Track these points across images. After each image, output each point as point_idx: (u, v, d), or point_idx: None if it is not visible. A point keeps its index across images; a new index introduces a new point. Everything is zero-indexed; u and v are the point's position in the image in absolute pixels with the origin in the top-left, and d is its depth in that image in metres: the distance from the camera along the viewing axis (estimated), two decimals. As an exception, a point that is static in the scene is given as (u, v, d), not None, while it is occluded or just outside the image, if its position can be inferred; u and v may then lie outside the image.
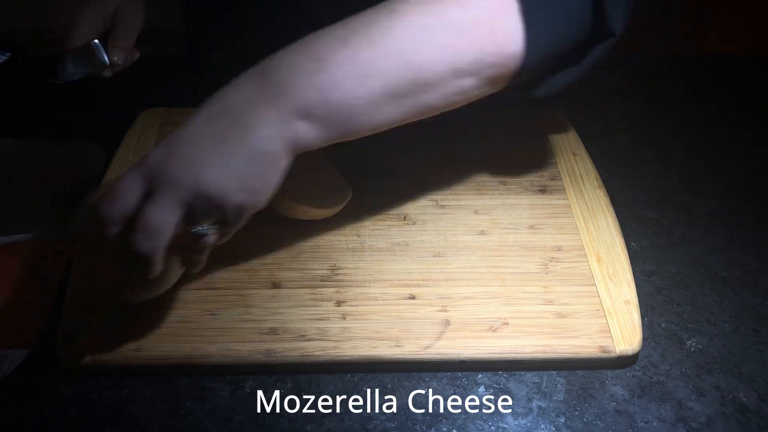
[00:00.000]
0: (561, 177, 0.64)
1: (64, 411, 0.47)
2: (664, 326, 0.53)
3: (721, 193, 0.66)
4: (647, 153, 0.70)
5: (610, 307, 0.52)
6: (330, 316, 0.51)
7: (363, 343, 0.49)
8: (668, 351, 0.52)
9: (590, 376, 0.50)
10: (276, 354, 0.49)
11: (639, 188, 0.66)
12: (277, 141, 0.40)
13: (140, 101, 0.71)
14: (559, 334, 0.50)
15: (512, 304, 0.52)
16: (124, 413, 0.46)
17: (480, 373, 0.49)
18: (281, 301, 0.52)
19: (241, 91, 0.41)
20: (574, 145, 0.68)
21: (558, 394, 0.48)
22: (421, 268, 0.55)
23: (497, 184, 0.63)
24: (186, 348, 0.49)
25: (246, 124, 0.40)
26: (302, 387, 0.48)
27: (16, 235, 0.77)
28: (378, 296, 0.53)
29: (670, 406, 0.48)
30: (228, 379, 0.48)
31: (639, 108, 0.77)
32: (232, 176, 0.39)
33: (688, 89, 0.80)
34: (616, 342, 0.50)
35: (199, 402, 0.47)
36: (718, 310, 0.55)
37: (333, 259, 0.56)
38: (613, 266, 0.55)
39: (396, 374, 0.49)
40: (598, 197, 0.62)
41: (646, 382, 0.49)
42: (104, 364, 0.48)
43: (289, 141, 0.40)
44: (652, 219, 0.63)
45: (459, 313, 0.52)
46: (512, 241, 0.58)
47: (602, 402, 0.48)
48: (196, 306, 0.52)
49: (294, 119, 0.40)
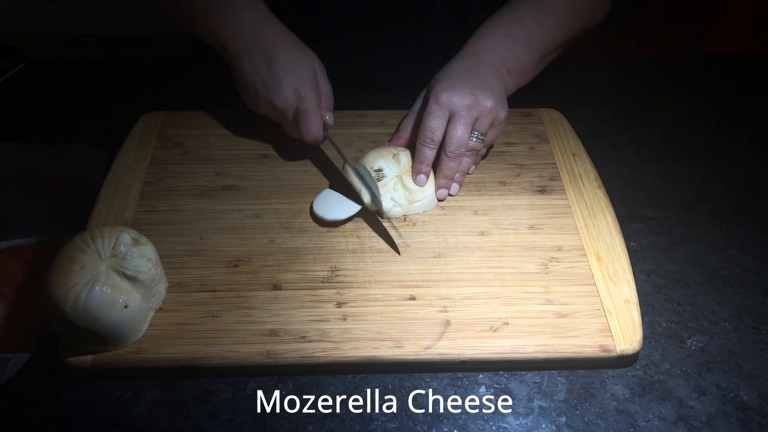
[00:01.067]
0: (560, 177, 0.64)
1: (66, 414, 0.47)
2: (664, 325, 0.53)
3: (720, 192, 0.66)
4: (647, 153, 0.70)
5: (610, 307, 0.52)
6: (331, 318, 0.51)
7: (364, 344, 0.49)
8: (669, 350, 0.52)
9: (591, 375, 0.50)
10: (277, 355, 0.49)
11: (639, 188, 0.66)
12: (502, 84, 0.64)
13: (140, 104, 0.71)
14: (560, 333, 0.50)
15: (512, 304, 0.53)
16: (125, 416, 0.46)
17: (481, 373, 0.50)
18: (282, 302, 0.52)
19: (468, 60, 0.64)
20: (573, 145, 0.68)
21: (559, 394, 0.49)
22: (421, 269, 0.55)
23: (497, 185, 0.64)
24: (187, 350, 0.49)
25: (484, 75, 0.63)
26: (303, 388, 0.48)
27: (17, 240, 0.77)
28: (378, 297, 0.53)
29: (671, 405, 0.48)
30: (229, 381, 0.49)
31: (638, 108, 0.77)
32: (498, 101, 0.61)
33: (687, 89, 0.80)
34: (617, 341, 0.50)
35: (201, 404, 0.47)
36: (718, 309, 0.55)
37: (333, 260, 0.56)
38: (613, 266, 0.55)
39: (397, 375, 0.49)
40: (598, 197, 0.62)
41: (646, 381, 0.49)
42: (106, 368, 0.48)
43: (506, 85, 0.64)
44: (652, 218, 0.63)
45: (459, 313, 0.52)
46: (512, 241, 0.58)
47: (603, 401, 0.48)
48: (196, 308, 0.52)
49: (505, 74, 0.65)
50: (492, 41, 0.65)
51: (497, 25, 0.66)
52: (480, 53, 0.64)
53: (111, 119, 0.73)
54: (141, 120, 0.70)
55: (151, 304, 0.51)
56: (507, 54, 0.65)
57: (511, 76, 0.65)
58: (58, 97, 0.77)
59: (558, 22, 0.67)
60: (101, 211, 0.60)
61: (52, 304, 0.46)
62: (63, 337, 0.49)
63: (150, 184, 0.63)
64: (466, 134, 0.60)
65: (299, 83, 0.61)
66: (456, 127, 0.59)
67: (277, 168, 0.65)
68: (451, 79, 0.61)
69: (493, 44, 0.65)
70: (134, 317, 0.48)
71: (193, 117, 0.71)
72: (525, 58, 0.66)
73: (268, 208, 0.61)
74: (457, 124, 0.59)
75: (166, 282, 0.53)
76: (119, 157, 0.65)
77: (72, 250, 0.48)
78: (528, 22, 0.66)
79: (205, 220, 0.59)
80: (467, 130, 0.59)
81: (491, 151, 0.67)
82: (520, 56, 0.65)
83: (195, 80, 0.77)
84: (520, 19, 0.66)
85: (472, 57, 0.64)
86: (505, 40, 0.65)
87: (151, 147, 0.67)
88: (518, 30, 0.65)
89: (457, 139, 0.59)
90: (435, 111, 0.60)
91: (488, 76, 0.62)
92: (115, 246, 0.48)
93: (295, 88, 0.61)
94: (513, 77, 0.65)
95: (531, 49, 0.66)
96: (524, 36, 0.65)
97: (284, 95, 0.61)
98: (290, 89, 0.61)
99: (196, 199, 0.61)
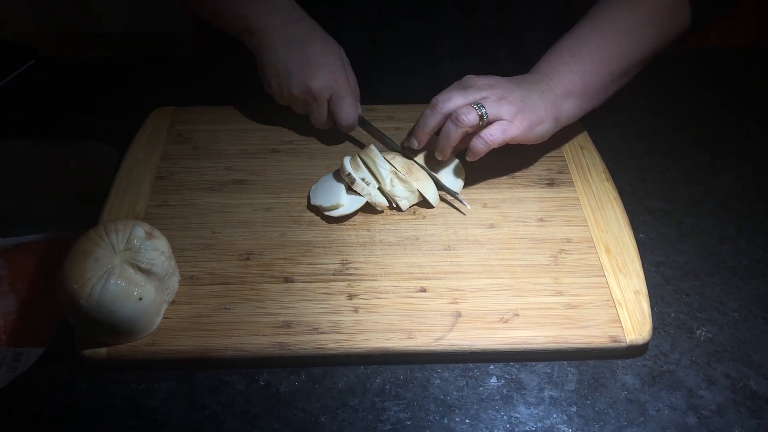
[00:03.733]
0: (569, 170, 0.65)
1: (82, 406, 0.47)
2: (673, 316, 0.54)
3: (729, 183, 0.66)
4: (655, 145, 0.70)
5: (619, 298, 0.52)
6: (342, 310, 0.52)
7: (376, 336, 0.50)
8: (678, 340, 0.52)
9: (601, 365, 0.50)
10: (290, 347, 0.49)
11: (647, 180, 0.66)
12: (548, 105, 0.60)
13: (151, 101, 0.72)
14: (570, 324, 0.51)
15: (522, 295, 0.53)
16: (142, 407, 0.47)
17: (492, 364, 0.50)
18: (294, 295, 0.53)
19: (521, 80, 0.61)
20: (581, 138, 0.68)
21: (569, 384, 0.49)
22: (431, 261, 0.56)
23: (506, 178, 0.64)
24: (201, 342, 0.49)
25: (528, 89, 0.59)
26: (316, 379, 0.49)
27: (30, 235, 0.78)
28: (389, 289, 0.53)
29: (680, 395, 0.48)
30: (243, 372, 0.49)
31: (645, 101, 0.77)
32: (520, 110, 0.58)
33: (694, 81, 0.80)
34: (627, 332, 0.50)
35: (216, 395, 0.48)
36: (727, 299, 0.55)
37: (344, 253, 0.56)
38: (622, 257, 0.56)
39: (409, 366, 0.50)
40: (606, 189, 0.62)
41: (656, 371, 0.50)
42: (120, 359, 0.49)
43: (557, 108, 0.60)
44: (660, 210, 0.63)
45: (470, 305, 0.52)
46: (522, 233, 0.58)
47: (613, 391, 0.48)
48: (209, 301, 0.52)
49: (561, 96, 0.60)
50: (549, 64, 0.62)
51: (556, 50, 0.63)
52: (541, 71, 0.62)
53: (122, 116, 0.73)
54: (151, 116, 0.70)
55: (165, 296, 0.51)
56: (568, 74, 0.61)
57: (571, 97, 0.61)
58: (69, 95, 0.78)
59: (632, 40, 0.63)
60: (113, 205, 0.60)
61: (67, 297, 0.46)
62: (78, 329, 0.49)
63: (161, 178, 0.63)
64: (467, 101, 0.57)
65: (334, 68, 0.61)
66: (462, 93, 0.58)
67: (287, 162, 0.66)
68: (490, 78, 0.60)
69: (549, 66, 0.62)
70: (148, 310, 0.49)
71: (202, 112, 0.71)
72: (590, 77, 0.61)
73: (278, 202, 0.61)
74: (466, 91, 0.58)
75: (179, 275, 0.53)
76: (130, 152, 0.66)
77: (86, 243, 0.49)
78: (593, 40, 0.62)
79: (216, 214, 0.60)
80: (470, 99, 0.57)
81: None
82: (584, 76, 0.61)
83: (204, 77, 0.78)
84: (583, 38, 0.62)
85: (533, 73, 0.62)
86: (566, 61, 0.61)
87: (162, 142, 0.67)
88: (582, 48, 0.62)
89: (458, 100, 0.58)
90: (454, 85, 0.60)
91: (531, 91, 0.59)
92: (129, 239, 0.49)
93: (330, 72, 0.61)
94: (575, 99, 0.61)
95: (598, 66, 0.62)
96: (589, 54, 0.61)
97: (322, 78, 0.61)
98: (326, 73, 0.61)
99: (207, 194, 0.62)
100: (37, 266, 0.73)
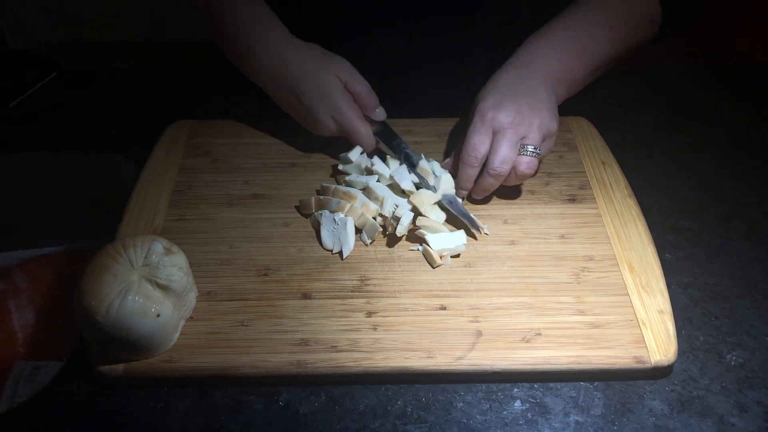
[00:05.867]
0: (590, 186, 0.63)
1: (99, 424, 0.47)
2: (702, 339, 0.52)
3: (758, 203, 0.64)
4: (681, 163, 0.69)
5: (644, 317, 0.51)
6: (361, 327, 0.51)
7: (395, 354, 0.49)
8: (707, 365, 0.50)
9: (628, 390, 0.49)
10: (308, 365, 0.48)
11: (674, 198, 0.65)
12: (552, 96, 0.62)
13: (169, 114, 0.72)
14: (593, 344, 0.50)
15: (544, 314, 0.52)
16: (160, 427, 0.46)
17: (515, 387, 0.49)
18: (312, 311, 0.52)
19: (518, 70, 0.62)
20: (602, 153, 0.67)
21: (595, 409, 0.47)
22: (451, 278, 0.55)
23: (526, 194, 0.63)
24: (218, 359, 0.49)
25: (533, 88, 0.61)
26: (336, 400, 0.48)
27: (48, 247, 0.78)
28: (409, 307, 0.52)
29: (711, 422, 0.47)
30: (262, 392, 0.48)
31: (669, 117, 0.75)
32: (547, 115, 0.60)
33: (719, 98, 0.79)
34: (651, 352, 0.49)
35: (234, 415, 0.47)
36: (758, 323, 0.53)
37: (362, 269, 0.56)
38: (645, 276, 0.54)
39: (430, 388, 0.49)
40: (629, 206, 0.61)
41: (685, 397, 0.48)
42: (137, 376, 0.48)
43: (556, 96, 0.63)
44: (688, 230, 0.61)
45: (491, 323, 0.51)
46: (543, 250, 0.57)
47: (641, 417, 0.47)
48: (227, 317, 0.52)
49: (555, 85, 0.63)
50: (544, 49, 0.63)
51: (550, 34, 0.64)
52: (530, 62, 0.63)
53: (140, 128, 0.73)
54: (169, 128, 0.71)
55: (182, 313, 0.51)
56: (559, 63, 0.63)
57: (561, 85, 0.63)
58: (89, 106, 0.78)
59: (610, 37, 0.65)
60: (131, 219, 0.60)
61: (84, 313, 0.46)
62: (95, 345, 0.49)
63: (179, 192, 0.63)
64: (511, 153, 0.58)
65: (332, 110, 0.62)
66: (500, 146, 0.58)
67: (305, 176, 0.65)
68: (497, 94, 0.60)
69: (545, 51, 0.63)
70: (166, 326, 0.48)
71: (220, 126, 0.71)
72: (577, 70, 0.64)
73: (296, 217, 0.61)
74: (502, 142, 0.58)
75: (197, 291, 0.53)
76: (148, 165, 0.66)
77: (104, 258, 0.48)
78: (581, 34, 0.64)
79: (234, 229, 0.59)
80: (512, 148, 0.58)
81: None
82: (572, 68, 0.64)
83: (223, 89, 0.78)
84: (573, 32, 0.64)
85: (521, 67, 0.63)
86: (559, 50, 0.63)
87: (180, 155, 0.67)
88: (572, 41, 0.64)
89: (500, 157, 0.57)
90: (479, 128, 0.59)
91: (537, 89, 0.61)
92: (147, 255, 0.49)
93: (331, 116, 0.63)
94: (563, 87, 0.64)
95: (583, 61, 0.64)
96: (577, 47, 0.64)
97: (325, 127, 0.63)
98: (327, 119, 0.63)
99: (225, 208, 0.61)
100: (55, 278, 0.73)
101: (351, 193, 0.59)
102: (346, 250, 0.56)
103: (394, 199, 0.59)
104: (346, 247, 0.56)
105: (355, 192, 0.59)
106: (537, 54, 0.63)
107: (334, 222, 0.57)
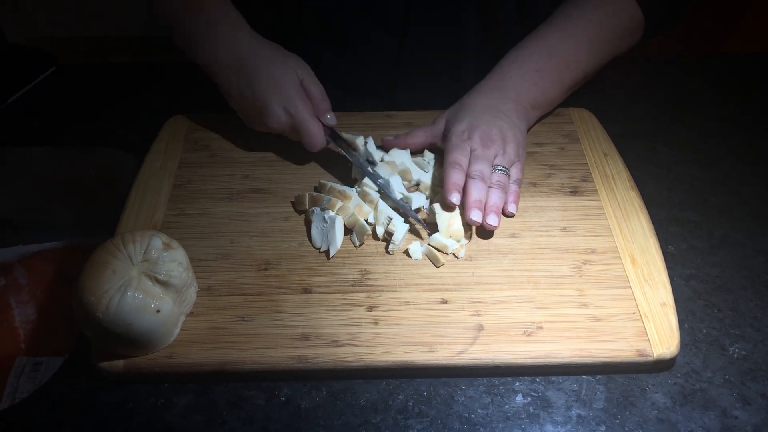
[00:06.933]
0: (592, 178, 0.63)
1: (100, 420, 0.47)
2: (705, 332, 0.52)
3: (761, 193, 0.64)
4: (683, 154, 0.68)
5: (646, 310, 0.51)
6: (362, 322, 0.51)
7: (396, 349, 0.49)
8: (710, 357, 0.50)
9: (630, 383, 0.48)
10: (309, 360, 0.48)
11: (676, 190, 0.64)
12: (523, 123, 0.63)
13: (168, 108, 0.72)
14: (595, 338, 0.49)
15: (546, 307, 0.51)
16: (161, 423, 0.46)
17: (517, 381, 0.49)
18: (312, 306, 0.52)
19: (491, 95, 0.63)
20: (604, 145, 0.67)
21: (598, 402, 0.47)
22: (452, 272, 0.55)
23: (527, 186, 0.62)
24: (218, 354, 0.49)
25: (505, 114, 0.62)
26: (337, 395, 0.48)
27: (48, 243, 0.78)
28: (410, 301, 0.52)
29: (714, 415, 0.46)
30: (262, 387, 0.48)
31: (670, 108, 0.75)
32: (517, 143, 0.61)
33: (721, 88, 0.78)
34: (654, 345, 0.49)
35: (235, 410, 0.47)
36: (762, 315, 0.53)
37: (363, 264, 0.55)
38: (648, 268, 0.54)
39: (432, 382, 0.49)
40: (631, 198, 0.60)
41: (688, 390, 0.48)
42: (138, 372, 0.48)
43: (528, 122, 0.64)
44: (690, 221, 0.61)
45: (492, 317, 0.51)
46: (544, 243, 0.57)
47: (643, 410, 0.47)
48: (227, 312, 0.52)
49: (529, 109, 0.64)
50: (519, 75, 0.64)
51: (525, 57, 0.64)
52: (504, 87, 0.63)
53: (139, 122, 0.73)
54: (168, 123, 0.70)
55: (183, 308, 0.50)
56: (534, 88, 0.64)
57: (535, 110, 0.65)
58: (88, 101, 0.78)
59: (589, 52, 0.65)
60: (131, 214, 0.60)
61: (84, 309, 0.46)
62: (95, 341, 0.49)
63: (178, 187, 0.63)
64: (487, 169, 0.58)
65: (286, 101, 0.61)
66: (477, 162, 0.58)
67: (304, 170, 0.65)
68: (471, 117, 0.61)
69: (519, 78, 0.63)
70: (166, 322, 0.48)
71: (219, 120, 0.71)
72: (551, 91, 0.65)
73: (296, 211, 0.60)
74: (478, 160, 0.58)
75: (197, 286, 0.53)
76: (147, 160, 0.66)
77: (103, 254, 0.48)
78: (557, 54, 0.64)
79: (234, 224, 0.59)
80: (487, 165, 0.58)
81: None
82: (546, 90, 0.64)
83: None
84: (549, 51, 0.64)
85: (495, 92, 0.63)
86: (532, 75, 0.64)
87: (179, 150, 0.67)
88: (547, 62, 0.64)
89: (479, 168, 0.58)
90: (458, 145, 0.59)
91: (509, 115, 0.61)
92: (146, 250, 0.48)
93: (284, 107, 0.61)
94: (536, 111, 0.65)
95: (559, 82, 0.65)
96: (552, 68, 0.64)
97: (275, 117, 0.61)
98: (279, 109, 0.61)
99: (225, 203, 0.61)
100: (55, 274, 0.73)
101: (346, 192, 0.58)
102: (333, 249, 0.56)
103: (388, 212, 0.58)
104: (332, 246, 0.56)
105: (351, 192, 0.59)
106: (512, 79, 0.64)
107: (323, 220, 0.56)
